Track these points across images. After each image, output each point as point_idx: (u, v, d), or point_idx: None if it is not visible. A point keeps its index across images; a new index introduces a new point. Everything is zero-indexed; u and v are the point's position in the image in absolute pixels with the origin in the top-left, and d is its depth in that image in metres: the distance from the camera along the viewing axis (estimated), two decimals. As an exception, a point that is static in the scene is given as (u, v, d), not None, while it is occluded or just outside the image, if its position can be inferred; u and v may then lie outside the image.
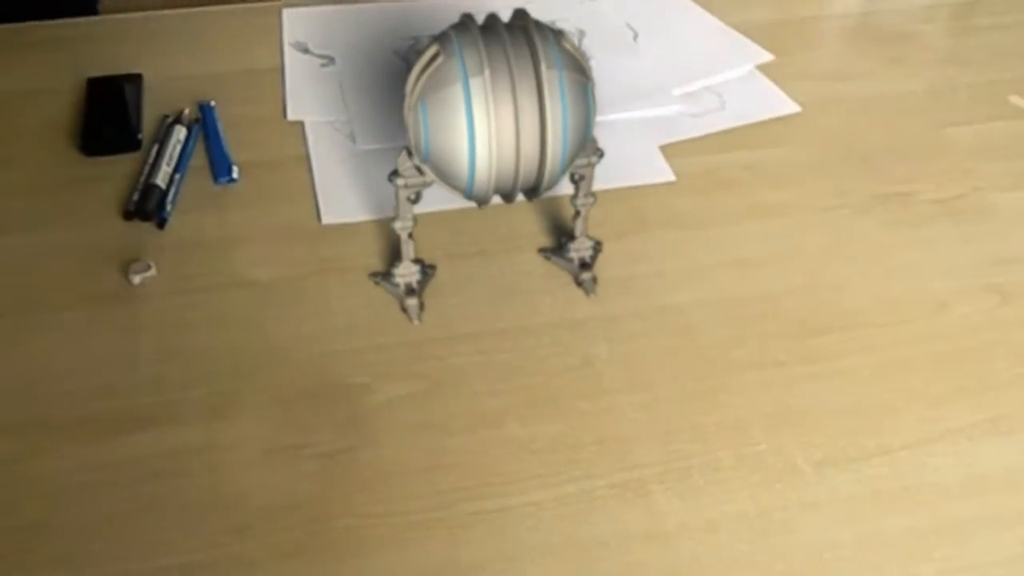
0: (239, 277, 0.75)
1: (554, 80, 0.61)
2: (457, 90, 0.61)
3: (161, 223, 0.78)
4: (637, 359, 0.69)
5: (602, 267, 0.76)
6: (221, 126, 0.88)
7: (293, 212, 0.81)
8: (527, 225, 0.80)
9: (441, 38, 0.65)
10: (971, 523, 0.60)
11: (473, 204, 0.70)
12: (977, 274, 0.77)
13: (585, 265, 0.74)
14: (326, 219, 0.79)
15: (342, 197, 0.81)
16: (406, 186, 0.68)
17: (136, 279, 0.74)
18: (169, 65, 0.97)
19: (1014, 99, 0.93)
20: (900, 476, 0.62)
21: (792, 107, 0.92)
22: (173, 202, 0.80)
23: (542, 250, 0.77)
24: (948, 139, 0.90)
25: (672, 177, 0.85)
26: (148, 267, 0.74)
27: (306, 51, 0.98)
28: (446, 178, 0.65)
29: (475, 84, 0.61)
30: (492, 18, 0.66)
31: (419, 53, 0.66)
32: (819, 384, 0.68)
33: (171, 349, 0.69)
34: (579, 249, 0.74)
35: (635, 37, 1.01)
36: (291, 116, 0.90)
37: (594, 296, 0.73)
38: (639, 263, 0.77)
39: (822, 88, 0.96)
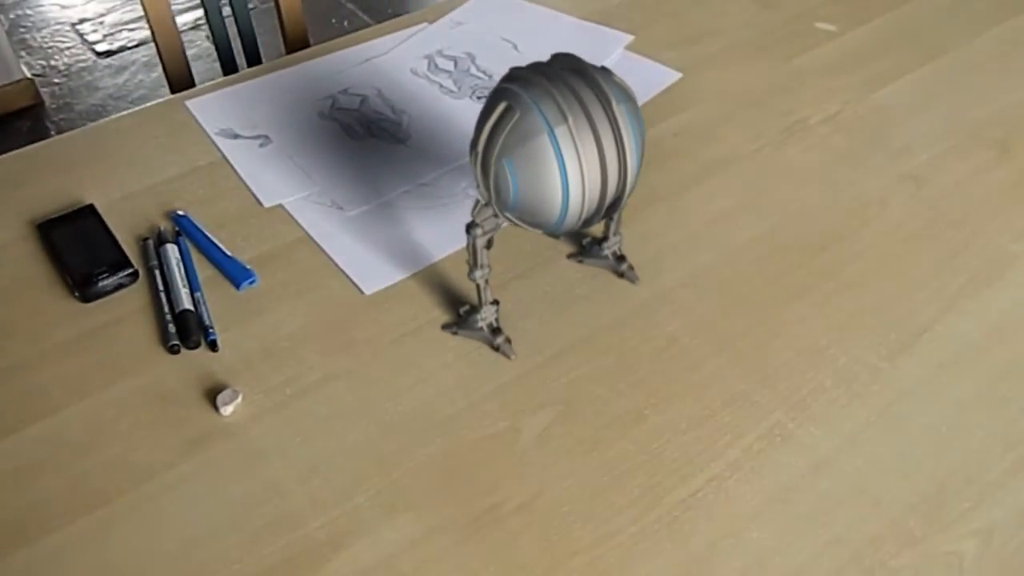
0: (323, 370, 0.63)
1: (623, 113, 0.55)
2: (544, 141, 0.54)
3: (213, 345, 0.64)
4: (706, 320, 0.66)
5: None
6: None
7: (331, 292, 0.69)
8: (538, 240, 0.73)
9: (506, 94, 0.56)
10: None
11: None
12: (892, 168, 0.79)
13: (621, 258, 0.69)
14: (368, 289, 0.68)
15: (370, 264, 0.70)
16: (483, 233, 0.60)
17: (228, 410, 0.60)
18: (109, 186, 0.78)
19: (820, 25, 0.97)
20: (952, 339, 0.64)
21: (674, 75, 0.91)
22: (211, 321, 0.66)
23: (571, 256, 0.71)
24: (799, 69, 0.92)
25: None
26: (235, 394, 0.61)
27: (236, 136, 0.83)
28: (534, 219, 0.58)
29: (560, 132, 0.53)
30: (541, 67, 0.58)
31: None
32: (851, 288, 0.68)
33: (306, 464, 0.58)
34: (611, 245, 0.69)
35: (515, 48, 0.95)
36: (267, 203, 0.76)
37: (639, 282, 0.69)
38: (650, 241, 0.73)
39: (688, 52, 0.94)
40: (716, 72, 0.91)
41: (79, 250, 0.71)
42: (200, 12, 2.32)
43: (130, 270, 0.69)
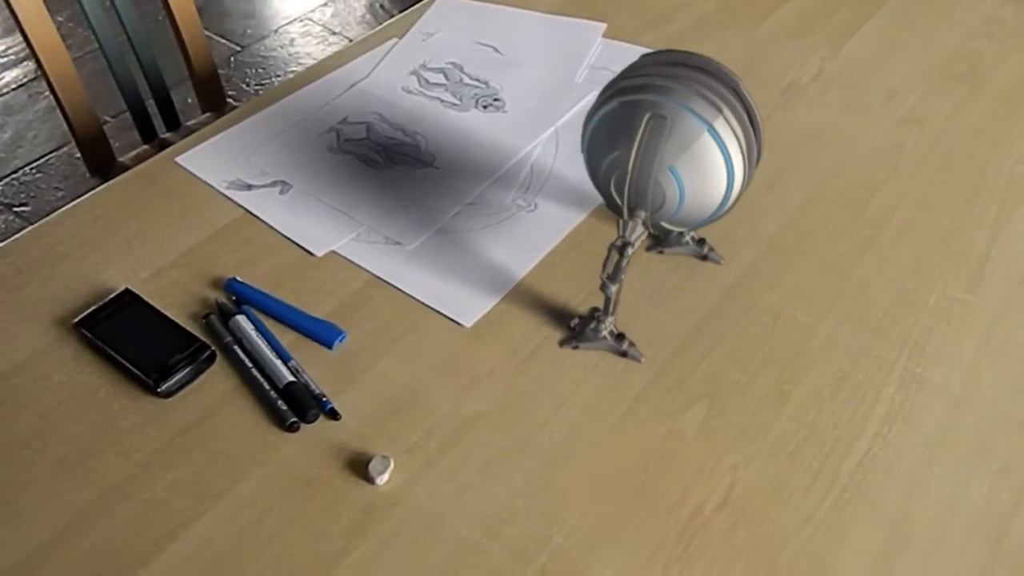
0: (460, 415, 0.58)
1: (746, 91, 0.53)
2: (707, 139, 0.52)
3: (333, 414, 0.57)
4: (799, 287, 0.66)
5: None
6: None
7: (429, 332, 0.63)
8: (601, 237, 0.70)
9: (641, 106, 0.53)
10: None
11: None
12: (890, 114, 0.82)
13: (701, 241, 0.67)
14: (468, 321, 0.63)
15: (457, 295, 0.65)
16: (634, 249, 0.56)
17: (383, 478, 0.54)
18: (131, 266, 0.68)
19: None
20: (1011, 259, 0.67)
21: (659, 55, 0.89)
22: (319, 389, 0.59)
23: (650, 249, 0.69)
24: (768, 34, 0.93)
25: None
26: (386, 460, 0.54)
27: (249, 187, 0.74)
28: (697, 216, 0.55)
29: (720, 125, 0.52)
30: (652, 69, 0.55)
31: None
32: (906, 231, 0.70)
33: (488, 516, 0.53)
34: (691, 232, 0.67)
35: (497, 51, 0.90)
36: (319, 252, 0.68)
37: (724, 261, 0.68)
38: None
39: (663, 31, 0.93)
40: (696, 47, 0.91)
41: (137, 342, 0.61)
42: (31, 65, 2.06)
43: (207, 352, 0.60)
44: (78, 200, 0.75)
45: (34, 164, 1.79)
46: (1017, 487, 0.54)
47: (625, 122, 0.53)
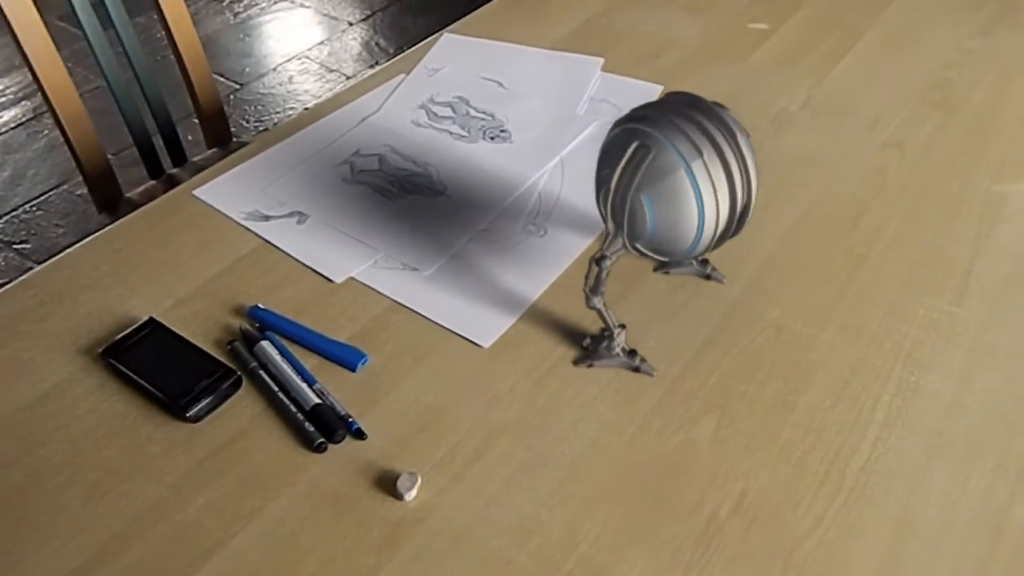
0: (482, 432, 0.60)
1: (745, 145, 0.56)
2: (681, 176, 0.54)
3: (359, 434, 0.59)
4: (799, 301, 0.68)
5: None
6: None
7: (449, 353, 0.65)
8: (622, 261, 0.70)
9: (636, 134, 0.56)
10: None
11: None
12: (875, 138, 0.85)
13: (704, 261, 0.70)
14: (486, 342, 0.66)
15: (474, 317, 0.67)
16: (610, 264, 0.59)
17: (411, 494, 0.56)
18: (153, 296, 0.70)
19: (753, 25, 1.03)
20: (992, 273, 0.70)
21: (656, 87, 0.93)
22: (345, 410, 0.60)
23: (656, 270, 0.71)
24: (756, 66, 0.97)
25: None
26: (414, 476, 0.56)
27: (267, 218, 0.76)
28: (667, 248, 0.58)
29: (696, 167, 0.54)
30: (662, 104, 0.58)
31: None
32: (895, 247, 0.73)
33: (515, 528, 0.54)
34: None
35: (501, 85, 0.93)
36: (338, 279, 0.71)
37: (727, 279, 0.71)
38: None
39: (656, 65, 0.97)
40: (689, 80, 0.95)
41: (165, 369, 0.62)
42: (30, 104, 2.08)
43: (233, 377, 0.62)
44: (97, 233, 0.77)
45: (34, 201, 1.81)
46: (1012, 482, 0.57)
47: (618, 146, 0.56)
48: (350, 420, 0.60)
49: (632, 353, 0.64)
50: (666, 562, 0.53)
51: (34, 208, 1.75)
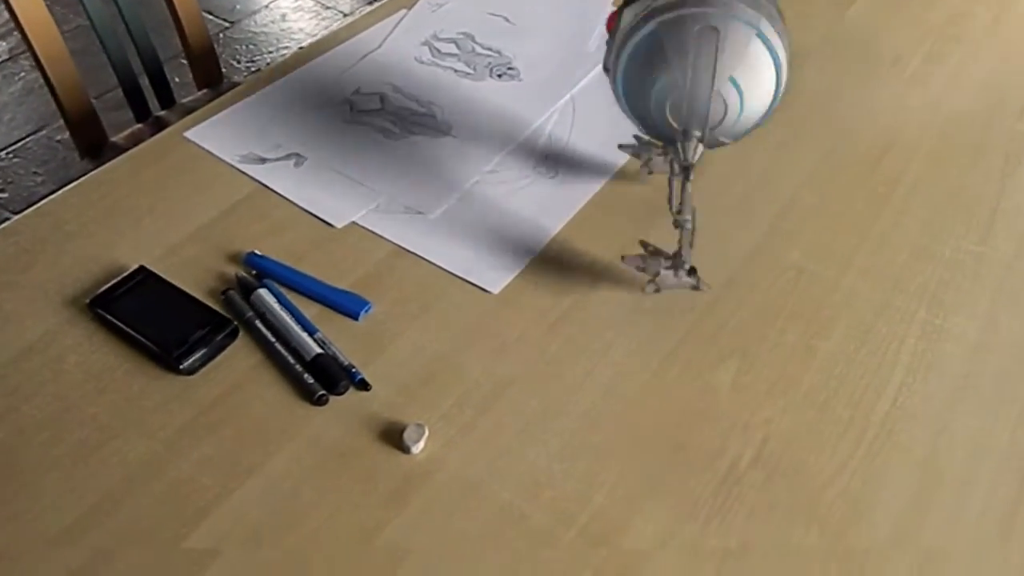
0: (491, 381, 0.57)
1: None
2: (756, 43, 0.52)
3: (363, 385, 0.56)
4: (820, 243, 0.65)
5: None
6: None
7: (456, 300, 0.62)
8: (625, 200, 0.69)
9: (685, 21, 0.52)
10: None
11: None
12: (897, 76, 0.81)
13: (692, 271, 0.63)
14: (495, 288, 0.62)
15: (482, 262, 0.64)
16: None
17: (419, 447, 0.53)
18: (144, 243, 0.66)
19: None
20: (1018, 212, 0.67)
21: (662, 20, 0.88)
22: (348, 360, 0.58)
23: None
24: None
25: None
26: (421, 428, 0.54)
27: (263, 160, 0.72)
28: (752, 125, 0.55)
29: (765, 27, 0.52)
30: None
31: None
32: (918, 187, 0.70)
33: (527, 480, 0.52)
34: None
35: (507, 20, 0.88)
36: (339, 224, 0.67)
37: (755, 216, 0.67)
38: (736, 180, 0.70)
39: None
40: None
41: (157, 319, 0.59)
42: (5, 44, 1.99)
43: (229, 327, 0.59)
44: (83, 178, 0.73)
45: (10, 148, 1.74)
46: (1043, 430, 0.55)
47: (670, 42, 0.52)
48: (353, 370, 0.57)
49: (692, 271, 0.61)
50: (685, 514, 0.51)
51: (10, 155, 1.68)
